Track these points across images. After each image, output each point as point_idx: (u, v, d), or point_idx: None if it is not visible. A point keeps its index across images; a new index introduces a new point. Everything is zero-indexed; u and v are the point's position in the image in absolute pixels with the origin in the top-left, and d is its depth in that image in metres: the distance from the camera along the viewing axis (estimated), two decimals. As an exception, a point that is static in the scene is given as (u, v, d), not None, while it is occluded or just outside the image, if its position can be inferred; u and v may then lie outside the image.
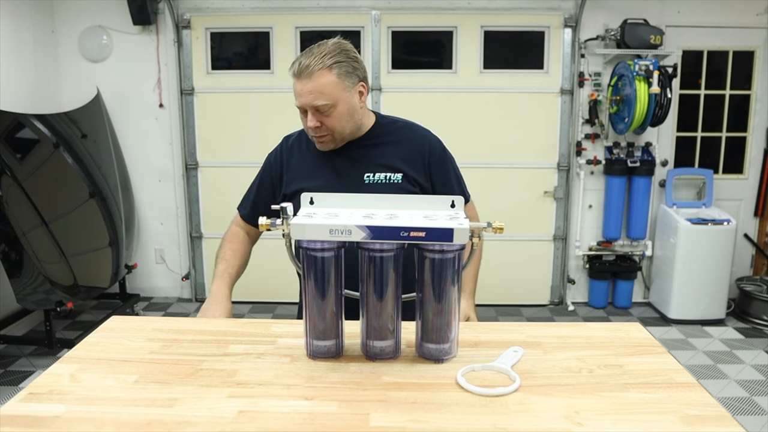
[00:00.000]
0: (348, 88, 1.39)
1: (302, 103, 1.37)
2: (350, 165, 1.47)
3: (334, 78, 1.35)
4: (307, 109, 1.37)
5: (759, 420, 2.56)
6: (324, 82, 1.34)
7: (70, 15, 3.78)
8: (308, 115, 1.37)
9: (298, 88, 1.36)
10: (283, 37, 3.80)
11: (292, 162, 1.51)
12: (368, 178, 1.45)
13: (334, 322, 1.11)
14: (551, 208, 3.98)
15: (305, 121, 1.40)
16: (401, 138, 1.51)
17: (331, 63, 1.35)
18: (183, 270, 4.11)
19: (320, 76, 1.34)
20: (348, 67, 1.38)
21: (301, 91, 1.36)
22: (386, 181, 1.45)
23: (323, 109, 1.36)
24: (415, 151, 1.48)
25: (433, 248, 1.05)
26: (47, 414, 0.91)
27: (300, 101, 1.37)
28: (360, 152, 1.47)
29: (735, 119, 3.96)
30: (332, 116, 1.38)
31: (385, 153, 1.47)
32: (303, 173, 1.49)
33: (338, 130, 1.41)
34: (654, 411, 0.93)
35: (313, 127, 1.38)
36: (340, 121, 1.40)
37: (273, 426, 0.88)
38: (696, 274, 3.65)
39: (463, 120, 3.85)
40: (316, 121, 1.37)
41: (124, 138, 3.87)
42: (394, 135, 1.51)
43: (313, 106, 1.35)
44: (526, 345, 1.16)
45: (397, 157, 1.47)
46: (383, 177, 1.45)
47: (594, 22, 3.74)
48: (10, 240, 2.93)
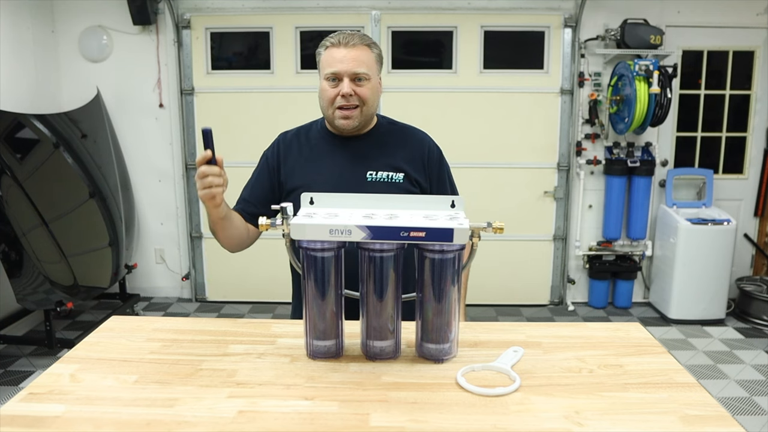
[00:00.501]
0: (377, 71, 1.45)
1: (342, 69, 1.38)
2: (352, 161, 1.47)
3: (372, 56, 1.42)
4: (344, 77, 1.38)
5: (759, 420, 2.56)
6: (365, 55, 1.40)
7: (70, 15, 3.77)
8: (344, 82, 1.38)
9: (339, 55, 1.38)
10: (283, 37, 3.80)
11: (291, 157, 1.51)
12: (371, 176, 1.45)
13: (334, 322, 1.11)
14: (551, 208, 3.98)
15: (333, 90, 1.40)
16: (403, 139, 1.52)
17: (370, 43, 1.43)
18: (183, 270, 4.11)
19: (362, 49, 1.40)
20: (380, 56, 1.46)
21: (343, 57, 1.38)
22: (388, 180, 1.45)
23: (362, 76, 1.39)
24: (417, 152, 1.50)
25: (433, 248, 1.05)
26: (47, 414, 0.91)
27: (340, 67, 1.38)
28: (363, 149, 1.48)
29: (735, 119, 3.96)
30: (366, 87, 1.40)
31: (388, 152, 1.48)
32: (303, 168, 1.48)
33: (368, 104, 1.42)
34: (654, 411, 0.93)
35: (347, 94, 1.39)
36: (371, 94, 1.42)
37: (273, 426, 0.88)
38: (696, 274, 3.65)
39: (463, 120, 3.85)
40: (351, 89, 1.38)
41: (124, 138, 3.87)
42: (396, 135, 1.53)
43: (354, 72, 1.38)
44: (526, 345, 1.16)
45: (400, 157, 1.48)
46: (385, 176, 1.46)
47: (594, 22, 3.74)
48: (10, 240, 2.93)
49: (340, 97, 1.40)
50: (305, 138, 1.53)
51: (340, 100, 1.40)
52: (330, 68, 1.39)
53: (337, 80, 1.40)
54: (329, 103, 1.42)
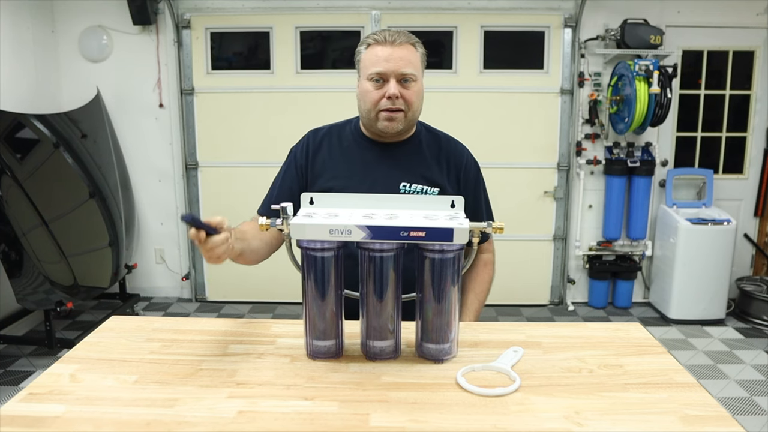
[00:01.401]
0: (422, 73, 1.37)
1: (389, 69, 1.29)
2: (387, 170, 1.39)
3: (417, 55, 1.34)
4: (391, 77, 1.30)
5: (759, 420, 2.56)
6: (412, 54, 1.33)
7: (70, 15, 3.77)
8: (390, 82, 1.30)
9: (385, 54, 1.30)
10: (283, 37, 3.80)
11: (320, 157, 1.42)
12: (404, 188, 1.38)
13: (334, 322, 1.11)
14: (551, 208, 3.98)
15: (377, 92, 1.32)
16: (442, 150, 1.45)
17: (416, 42, 1.35)
18: (183, 270, 4.11)
19: (409, 48, 1.32)
20: (424, 55, 1.38)
21: (389, 56, 1.29)
22: (422, 193, 1.38)
23: (409, 77, 1.31)
24: (453, 166, 1.44)
25: (433, 248, 1.05)
26: (47, 414, 0.91)
27: (386, 66, 1.30)
28: (399, 157, 1.41)
29: (735, 119, 3.96)
30: (413, 90, 1.33)
31: (425, 163, 1.41)
32: (333, 171, 1.39)
33: (413, 108, 1.35)
34: (654, 411, 0.93)
35: (394, 96, 1.30)
36: (417, 98, 1.35)
37: (273, 426, 0.88)
38: (696, 274, 3.65)
39: (463, 120, 3.85)
40: (398, 90, 1.30)
41: (124, 138, 3.87)
42: (435, 145, 1.45)
43: (402, 73, 1.30)
44: (526, 345, 1.16)
45: (437, 170, 1.41)
46: (419, 189, 1.38)
47: (594, 22, 3.74)
48: (10, 240, 2.93)
49: (386, 99, 1.31)
50: (337, 138, 1.44)
51: (386, 103, 1.31)
52: (375, 68, 1.31)
53: (382, 81, 1.31)
54: (373, 105, 1.33)
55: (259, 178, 2.33)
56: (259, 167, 3.78)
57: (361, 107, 1.37)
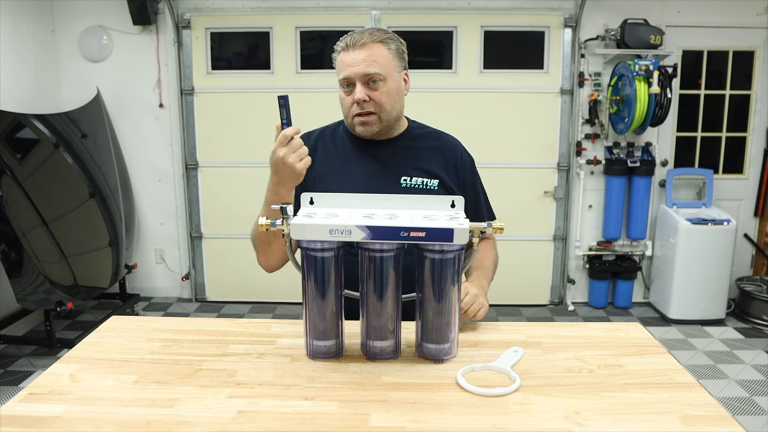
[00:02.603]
0: (398, 68, 1.34)
1: (352, 73, 1.29)
2: (384, 166, 1.39)
3: (386, 52, 1.31)
4: (356, 81, 1.29)
5: (759, 420, 2.56)
6: (377, 52, 1.29)
7: (70, 15, 3.77)
8: (356, 87, 1.29)
9: (348, 59, 1.29)
10: (283, 37, 3.80)
11: (317, 161, 1.39)
12: (405, 182, 1.37)
13: (334, 322, 1.11)
14: (551, 208, 3.98)
15: (349, 98, 1.32)
16: (436, 144, 1.45)
17: (384, 38, 1.32)
18: (183, 270, 4.11)
19: (374, 47, 1.29)
20: (399, 49, 1.35)
21: (351, 60, 1.28)
22: (423, 186, 1.38)
23: (375, 78, 1.29)
24: (450, 158, 1.44)
25: (433, 248, 1.05)
26: (47, 414, 0.91)
27: (349, 71, 1.29)
28: (395, 153, 1.40)
29: (735, 119, 3.96)
30: (382, 90, 1.31)
31: (422, 157, 1.41)
32: (332, 172, 1.39)
33: (386, 109, 1.33)
34: (654, 411, 0.93)
35: (360, 100, 1.29)
36: (389, 98, 1.32)
37: (273, 426, 0.88)
38: (696, 274, 3.65)
39: (463, 120, 3.84)
40: (364, 94, 1.29)
41: (124, 138, 3.87)
42: (429, 140, 1.45)
43: (365, 73, 1.28)
44: (526, 345, 1.16)
45: (434, 162, 1.41)
46: (420, 182, 1.38)
47: (594, 22, 3.74)
48: (10, 240, 2.93)
49: (356, 105, 1.31)
50: (331, 140, 1.43)
51: (356, 108, 1.31)
52: (341, 74, 1.31)
53: (351, 86, 1.31)
54: (347, 111, 1.34)
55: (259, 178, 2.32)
56: (259, 167, 3.75)
57: (342, 113, 1.39)
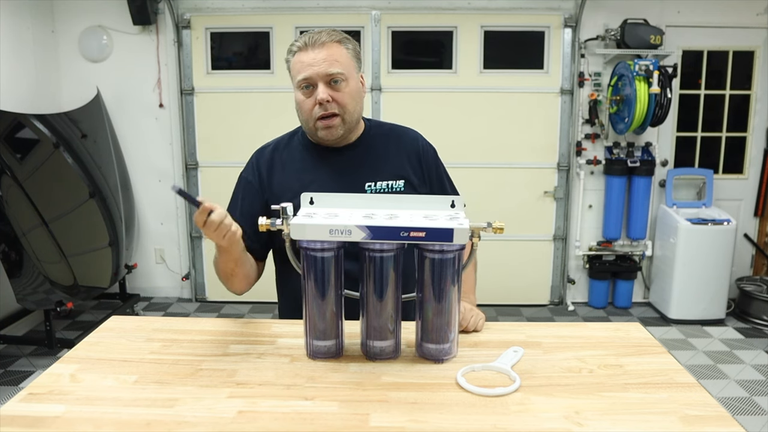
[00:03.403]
0: (356, 69, 1.31)
1: (314, 73, 1.24)
2: (347, 174, 1.34)
3: (345, 52, 1.28)
4: (318, 81, 1.24)
5: (759, 420, 2.56)
6: (337, 52, 1.26)
7: (70, 15, 3.77)
8: (319, 87, 1.24)
9: (308, 58, 1.24)
10: (283, 37, 3.80)
11: (276, 176, 1.35)
12: (369, 188, 1.34)
13: (334, 322, 1.11)
14: (551, 208, 3.98)
15: (309, 100, 1.26)
16: (396, 142, 1.41)
17: (342, 38, 1.29)
18: (183, 270, 4.11)
19: (333, 47, 1.26)
20: (356, 49, 1.32)
21: (312, 60, 1.23)
22: (389, 189, 1.35)
23: (338, 78, 1.25)
24: (412, 154, 1.40)
25: (433, 248, 1.05)
26: (47, 414, 0.91)
27: (310, 71, 1.24)
28: (356, 159, 1.36)
29: (735, 119, 3.96)
30: (344, 91, 1.26)
31: (384, 158, 1.37)
32: (292, 186, 1.32)
33: (349, 110, 1.28)
34: (654, 411, 0.93)
35: (324, 100, 1.24)
36: (351, 99, 1.28)
37: (273, 426, 0.88)
38: (696, 274, 3.64)
39: (463, 120, 3.85)
40: (327, 94, 1.24)
41: (124, 138, 3.87)
42: (388, 139, 1.41)
43: (328, 73, 1.24)
44: (526, 345, 1.16)
45: (396, 162, 1.37)
46: (386, 185, 1.35)
47: (594, 22, 3.74)
48: (10, 240, 2.93)
49: (318, 107, 1.25)
50: (287, 152, 1.38)
51: (318, 110, 1.26)
52: (300, 74, 1.25)
53: (311, 87, 1.25)
54: (308, 114, 1.28)
55: (259, 178, 2.32)
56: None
57: (300, 119, 1.33)
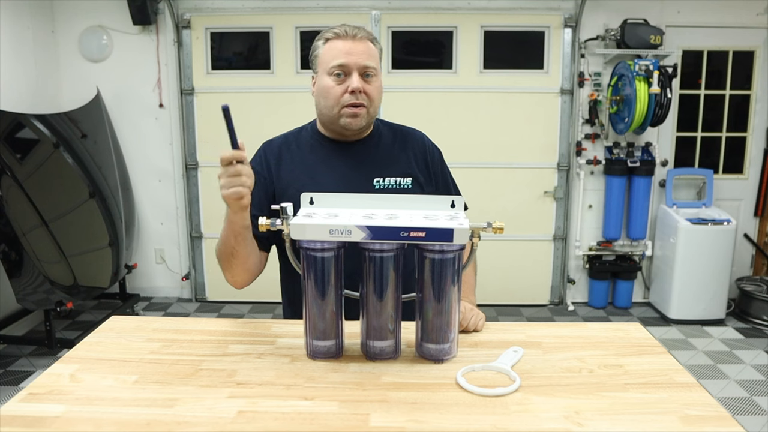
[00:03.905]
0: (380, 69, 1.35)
1: (351, 61, 1.27)
2: (356, 169, 1.36)
3: (376, 51, 1.33)
4: (354, 70, 1.28)
5: (759, 420, 2.56)
6: (372, 49, 1.31)
7: (70, 15, 3.77)
8: (353, 76, 1.28)
9: (347, 48, 1.28)
10: (283, 37, 3.80)
11: (284, 168, 1.37)
12: (378, 183, 1.35)
13: (334, 322, 1.11)
14: (551, 208, 3.98)
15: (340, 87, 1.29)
16: (404, 141, 1.43)
17: (373, 38, 1.34)
18: (183, 270, 4.11)
19: (369, 43, 1.31)
20: (381, 51, 1.37)
21: (352, 49, 1.28)
22: (397, 186, 1.36)
23: (370, 72, 1.30)
24: (419, 154, 1.43)
25: (433, 248, 1.05)
26: (47, 414, 0.91)
27: (349, 59, 1.27)
28: (365, 154, 1.38)
29: (735, 119, 3.96)
30: (374, 85, 1.31)
31: (392, 156, 1.40)
32: (300, 179, 1.34)
33: (375, 104, 1.33)
34: (654, 411, 0.93)
35: (357, 90, 1.28)
36: (378, 94, 1.33)
37: (273, 426, 0.88)
38: (696, 274, 3.64)
39: (463, 120, 3.85)
40: (361, 84, 1.28)
41: (124, 138, 3.87)
42: (397, 138, 1.44)
43: (364, 65, 1.28)
44: (526, 345, 1.16)
45: (405, 160, 1.40)
46: (394, 182, 1.36)
47: (594, 22, 3.74)
48: (10, 240, 2.93)
49: (348, 94, 1.28)
50: (296, 146, 1.40)
51: (349, 97, 1.28)
52: (336, 60, 1.27)
53: (343, 75, 1.29)
54: (335, 101, 1.29)
55: (259, 178, 2.32)
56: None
57: (321, 104, 1.34)
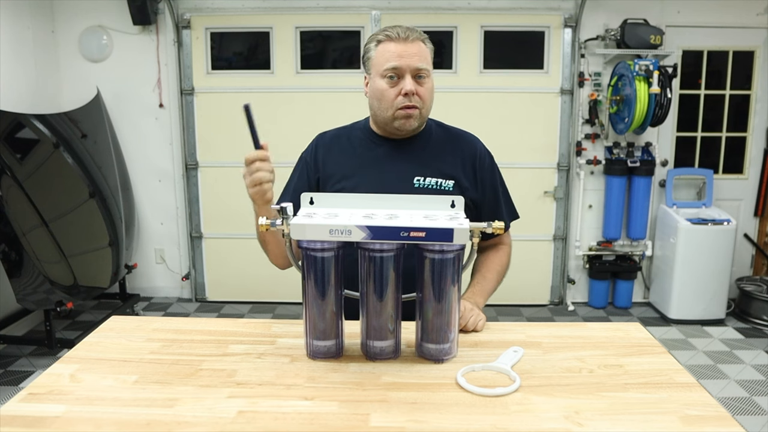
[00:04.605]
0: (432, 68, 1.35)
1: (404, 64, 1.28)
2: (400, 166, 1.37)
3: (428, 51, 1.33)
4: (407, 73, 1.29)
5: (759, 420, 2.56)
6: (424, 50, 1.32)
7: (70, 15, 3.77)
8: (406, 79, 1.29)
9: (399, 50, 1.28)
10: (283, 37, 3.80)
11: (332, 160, 1.41)
12: (418, 182, 1.36)
13: (334, 322, 1.11)
14: (551, 208, 3.98)
15: (394, 89, 1.30)
16: (454, 144, 1.44)
17: (425, 38, 1.34)
18: (183, 270, 4.11)
19: (420, 44, 1.31)
20: (432, 51, 1.36)
21: (403, 51, 1.28)
22: (437, 187, 1.36)
23: (423, 74, 1.30)
24: (467, 156, 1.42)
25: (433, 248, 1.05)
26: (47, 414, 0.91)
27: (401, 62, 1.28)
28: (412, 153, 1.39)
29: (735, 119, 3.96)
30: (426, 87, 1.32)
31: (438, 157, 1.39)
32: (345, 171, 1.38)
33: (426, 105, 1.34)
34: (654, 411, 0.93)
35: (411, 92, 1.29)
36: (430, 96, 1.34)
37: (273, 426, 0.88)
38: (696, 274, 3.64)
39: (463, 120, 3.79)
40: (414, 86, 1.29)
41: (124, 138, 3.87)
42: (447, 140, 1.44)
43: (417, 68, 1.29)
44: (526, 345, 1.16)
45: (451, 163, 1.39)
46: (434, 182, 1.36)
47: (594, 22, 3.74)
48: (10, 240, 2.93)
49: (402, 97, 1.29)
50: (347, 140, 1.44)
51: (402, 100, 1.29)
52: (389, 63, 1.29)
53: (396, 77, 1.30)
54: (389, 103, 1.31)
55: (259, 178, 2.32)
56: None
57: (375, 106, 1.35)
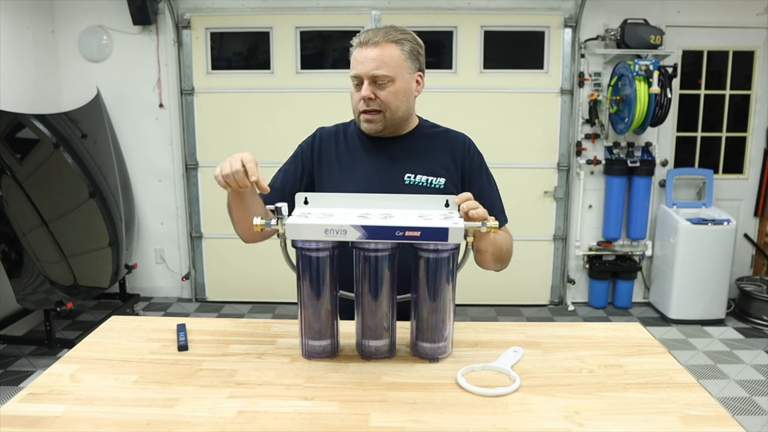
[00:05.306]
0: (409, 69, 1.34)
1: (361, 71, 1.30)
2: (389, 164, 1.39)
3: (398, 53, 1.32)
4: (364, 79, 1.31)
5: (759, 420, 2.56)
6: (389, 53, 1.30)
7: (70, 15, 3.77)
8: (363, 85, 1.31)
9: (360, 56, 1.31)
10: (283, 37, 3.80)
11: (326, 155, 1.43)
12: (408, 179, 1.37)
13: (330, 322, 1.11)
14: (551, 208, 3.98)
15: (357, 94, 1.33)
16: (444, 142, 1.45)
17: (399, 38, 1.32)
18: (183, 270, 4.11)
19: (386, 47, 1.30)
20: (414, 50, 1.35)
21: (362, 58, 1.30)
22: (428, 184, 1.37)
23: (381, 80, 1.30)
24: (458, 155, 1.43)
25: (428, 248, 1.05)
26: (47, 414, 0.91)
27: (359, 69, 1.31)
28: (402, 151, 1.41)
29: (735, 119, 3.96)
30: (388, 90, 1.32)
31: (428, 155, 1.41)
32: (336, 168, 1.41)
33: (391, 108, 1.34)
34: (654, 411, 0.93)
35: (365, 98, 1.31)
36: (395, 99, 1.33)
37: (273, 426, 0.88)
38: (696, 274, 3.64)
39: (463, 120, 3.81)
40: (370, 92, 1.30)
41: (124, 138, 3.87)
42: (438, 138, 1.45)
43: (372, 75, 1.30)
44: (526, 345, 1.16)
45: (441, 161, 1.40)
46: (425, 180, 1.37)
47: (594, 22, 3.74)
48: (10, 240, 2.93)
49: (362, 102, 1.33)
50: (342, 137, 1.46)
51: (363, 105, 1.33)
52: (352, 70, 1.33)
53: (359, 83, 1.33)
54: (354, 107, 1.36)
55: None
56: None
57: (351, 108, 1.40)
